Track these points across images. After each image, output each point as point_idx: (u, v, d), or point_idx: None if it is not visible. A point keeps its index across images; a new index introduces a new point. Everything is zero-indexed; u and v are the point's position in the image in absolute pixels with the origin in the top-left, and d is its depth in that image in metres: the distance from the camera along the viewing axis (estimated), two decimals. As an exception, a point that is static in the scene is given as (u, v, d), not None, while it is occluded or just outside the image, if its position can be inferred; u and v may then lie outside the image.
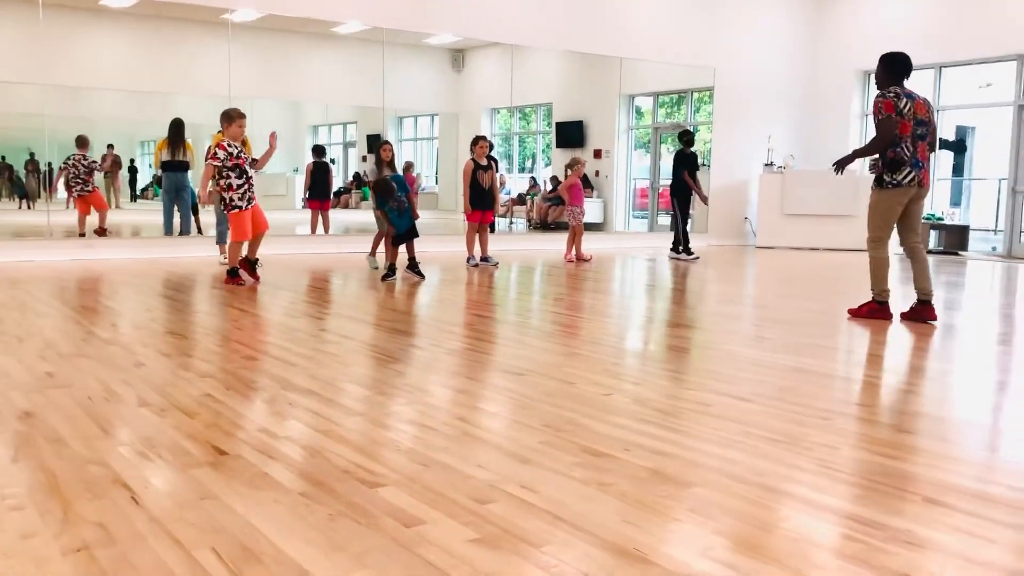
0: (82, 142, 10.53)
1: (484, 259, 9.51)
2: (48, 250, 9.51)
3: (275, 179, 13.66)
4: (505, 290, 7.99)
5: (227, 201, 7.28)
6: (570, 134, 14.44)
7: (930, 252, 12.49)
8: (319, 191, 11.37)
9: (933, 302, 6.03)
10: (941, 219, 12.93)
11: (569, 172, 10.23)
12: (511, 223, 15.19)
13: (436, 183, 15.63)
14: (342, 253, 10.61)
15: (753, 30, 14.01)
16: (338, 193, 14.36)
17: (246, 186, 7.25)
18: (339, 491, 2.45)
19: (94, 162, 10.66)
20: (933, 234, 12.73)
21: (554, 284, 8.48)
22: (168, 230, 10.32)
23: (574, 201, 10.26)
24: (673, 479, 2.59)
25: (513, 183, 15.72)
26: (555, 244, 12.22)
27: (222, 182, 7.25)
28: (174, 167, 10.10)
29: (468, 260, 9.45)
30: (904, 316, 6.09)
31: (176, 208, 10.23)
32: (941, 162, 13.83)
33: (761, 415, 3.40)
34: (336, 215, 12.50)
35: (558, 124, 14.64)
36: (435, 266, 9.27)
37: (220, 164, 7.14)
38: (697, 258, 10.95)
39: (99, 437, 2.96)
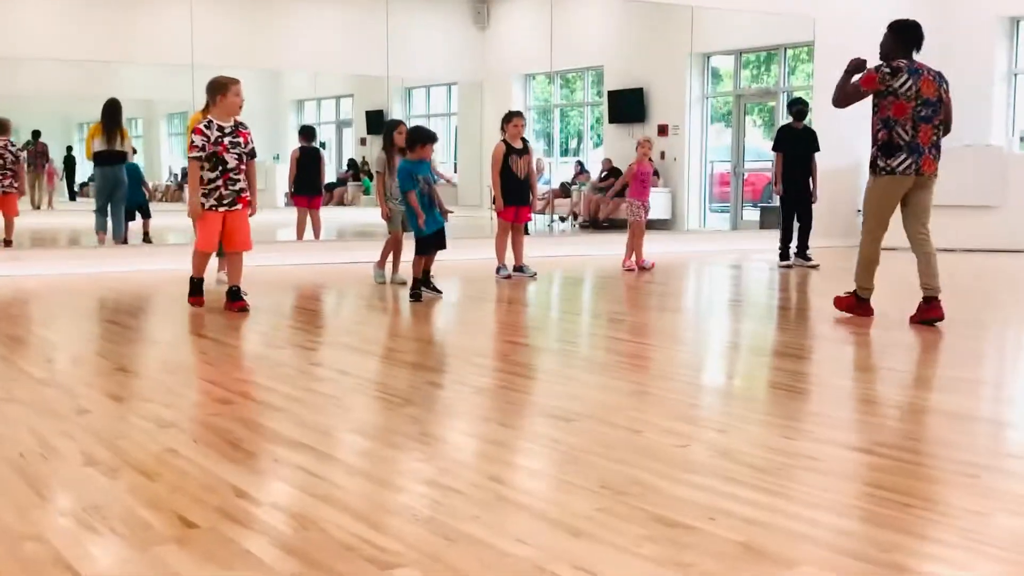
0: (2, 127, 10.68)
1: (519, 269, 9.52)
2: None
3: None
4: (546, 308, 8.01)
5: None
6: (627, 105, 14.47)
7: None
8: (307, 184, 11.44)
9: (940, 298, 6.44)
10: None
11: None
12: (551, 221, 15.25)
13: (455, 171, 15.74)
14: (337, 263, 10.69)
15: (864, -33, 13.94)
16: (331, 187, 14.51)
17: (220, 181, 7.02)
18: (341, 573, 2.47)
19: (20, 151, 10.80)
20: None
21: (609, 300, 8.48)
22: (101, 228, 10.53)
23: (633, 194, 10.24)
24: (772, 556, 2.58)
25: (554, 170, 15.78)
26: (608, 247, 12.19)
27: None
28: (109, 159, 10.32)
29: (498, 270, 9.47)
30: (912, 319, 6.50)
31: (111, 209, 10.46)
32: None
33: (884, 471, 3.36)
34: (328, 214, 12.62)
35: (611, 93, 14.69)
36: (455, 278, 9.30)
37: (201, 155, 6.90)
38: (792, 265, 10.87)
39: (35, 505, 3.01)
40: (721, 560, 2.56)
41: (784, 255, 11.00)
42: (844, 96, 6.68)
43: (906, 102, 6.32)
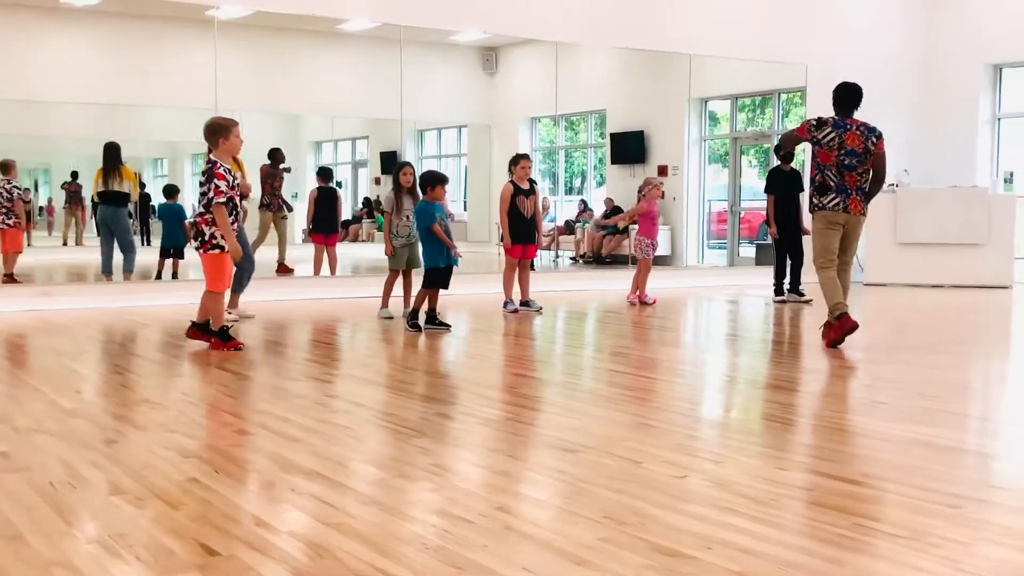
0: (6, 167, 10.72)
1: (525, 303, 9.55)
2: (-1, 299, 9.73)
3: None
4: (551, 342, 8.02)
5: (207, 238, 6.85)
6: (628, 147, 14.52)
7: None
8: (324, 222, 11.52)
9: (849, 312, 7.03)
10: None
11: (641, 196, 10.29)
12: (556, 257, 15.28)
13: (464, 209, 15.79)
14: (352, 297, 10.72)
15: (854, 18, 14.03)
16: (346, 224, 14.57)
17: (235, 224, 6.92)
18: (354, 601, 2.48)
19: (16, 187, 10.77)
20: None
21: (612, 334, 8.49)
22: (106, 269, 10.62)
23: (643, 232, 10.32)
24: (766, 585, 2.59)
25: (559, 208, 15.83)
26: (611, 283, 12.23)
27: (206, 215, 6.84)
28: (107, 199, 10.54)
29: (506, 305, 9.50)
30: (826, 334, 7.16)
31: (118, 245, 10.56)
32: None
33: (874, 502, 3.37)
34: (344, 250, 12.66)
35: (613, 135, 14.75)
36: (464, 313, 9.34)
37: (227, 200, 6.78)
38: (786, 300, 10.87)
39: (64, 533, 3.03)
40: (717, 589, 2.57)
41: (779, 290, 11.02)
42: (786, 139, 8.18)
43: (828, 151, 7.10)
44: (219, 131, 6.83)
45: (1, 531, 3.03)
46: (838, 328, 6.97)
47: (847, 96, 7.32)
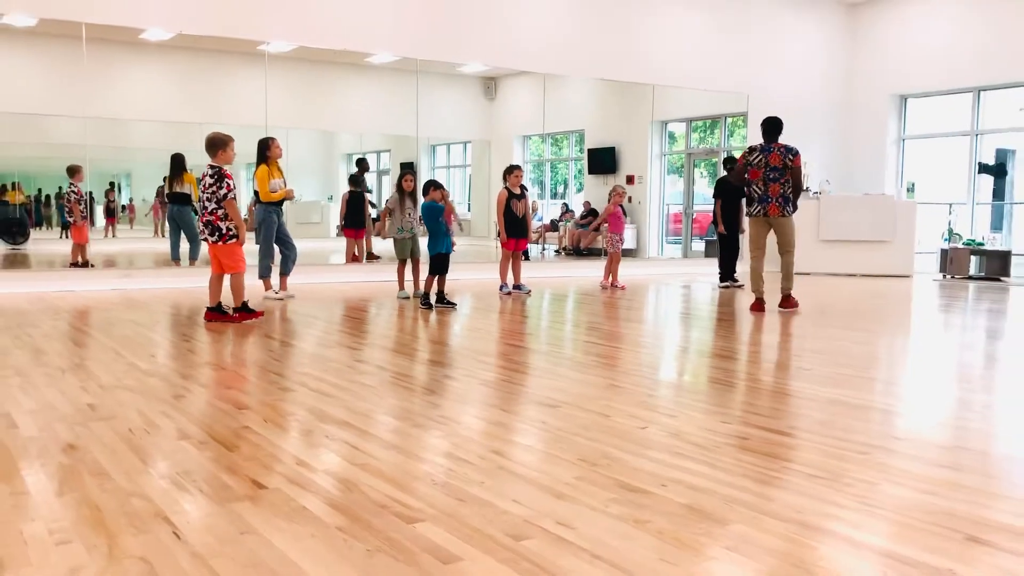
0: (72, 171, 10.59)
1: (517, 287, 9.55)
2: (89, 280, 9.70)
3: (310, 207, 13.86)
4: (538, 319, 8.01)
5: (224, 231, 6.87)
6: (603, 160, 14.50)
7: (971, 278, 12.32)
8: (354, 220, 11.52)
9: (793, 295, 8.29)
10: (982, 244, 12.75)
11: (609, 200, 10.33)
12: (543, 249, 15.25)
13: (468, 210, 15.75)
14: (376, 281, 10.71)
15: (786, 56, 14.00)
16: (372, 221, 14.53)
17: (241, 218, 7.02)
18: (376, 526, 2.48)
19: (74, 191, 10.60)
20: (974, 260, 12.55)
21: (588, 313, 8.49)
22: (174, 256, 10.66)
23: (612, 229, 10.34)
24: (710, 516, 2.59)
25: (545, 210, 15.79)
26: (587, 271, 12.23)
27: (219, 211, 6.83)
28: (174, 199, 10.63)
29: (501, 288, 9.49)
30: (779, 306, 8.28)
31: (185, 237, 10.60)
32: (981, 187, 13.68)
33: (799, 449, 3.38)
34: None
35: (590, 150, 14.71)
36: (467, 294, 9.33)
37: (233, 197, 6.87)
38: (728, 286, 10.87)
39: (140, 471, 3.03)
40: (671, 519, 2.57)
41: (722, 277, 11.03)
42: (737, 173, 8.41)
43: (758, 169, 8.04)
44: (218, 144, 6.93)
45: (90, 468, 3.03)
46: (755, 306, 8.16)
47: (769, 127, 8.16)
